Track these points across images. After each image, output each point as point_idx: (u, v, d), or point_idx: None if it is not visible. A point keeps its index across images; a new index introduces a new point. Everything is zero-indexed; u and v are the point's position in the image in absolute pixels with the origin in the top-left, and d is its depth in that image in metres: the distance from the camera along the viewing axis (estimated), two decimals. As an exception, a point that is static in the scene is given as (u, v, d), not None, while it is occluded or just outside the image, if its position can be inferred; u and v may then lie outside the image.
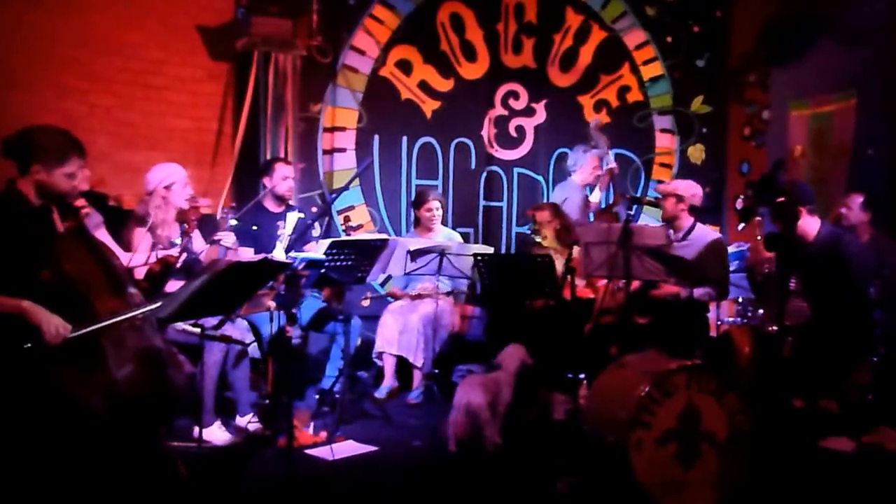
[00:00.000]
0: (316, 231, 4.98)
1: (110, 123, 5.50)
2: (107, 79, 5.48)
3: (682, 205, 4.85)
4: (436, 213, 5.55)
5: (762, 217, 4.83)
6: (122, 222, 4.32)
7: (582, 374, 4.54)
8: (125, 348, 2.95)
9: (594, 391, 3.76)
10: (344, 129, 6.18)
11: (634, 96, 7.18)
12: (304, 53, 5.73)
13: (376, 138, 6.29)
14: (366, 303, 5.33)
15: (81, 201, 3.28)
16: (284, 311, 4.02)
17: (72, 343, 2.85)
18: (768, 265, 4.79)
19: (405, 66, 6.36)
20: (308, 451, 4.06)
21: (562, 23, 6.89)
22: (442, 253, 4.99)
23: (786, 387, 4.11)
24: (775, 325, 4.08)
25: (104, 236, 3.91)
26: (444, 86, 6.50)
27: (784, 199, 4.13)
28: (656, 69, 7.22)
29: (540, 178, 6.89)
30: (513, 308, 5.36)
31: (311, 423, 4.45)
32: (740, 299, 5.72)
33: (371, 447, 4.20)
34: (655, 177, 7.24)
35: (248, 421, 4.31)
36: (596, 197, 6.14)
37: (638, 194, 6.96)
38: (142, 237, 4.14)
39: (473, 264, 4.86)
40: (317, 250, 4.28)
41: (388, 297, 5.70)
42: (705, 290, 4.63)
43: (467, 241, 6.31)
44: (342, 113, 6.16)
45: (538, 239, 5.30)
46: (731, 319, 5.80)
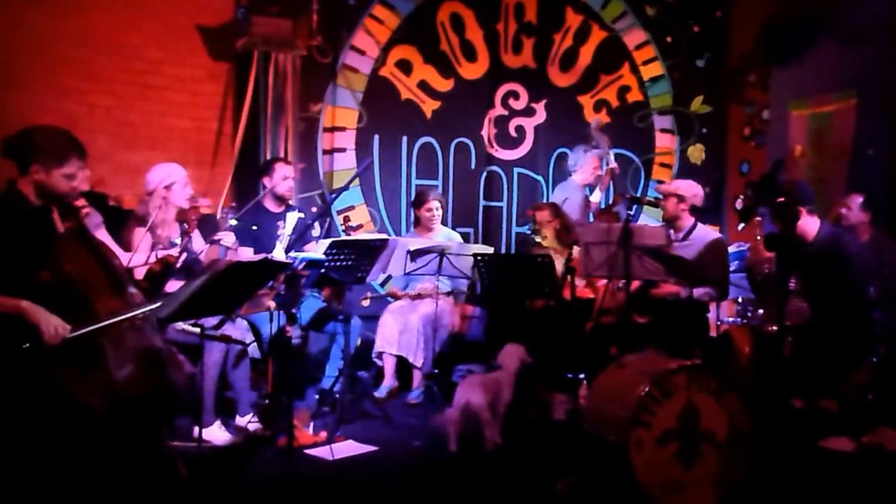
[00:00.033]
0: (316, 231, 4.99)
1: (110, 123, 5.50)
2: (107, 79, 5.48)
3: (683, 205, 4.84)
4: (436, 213, 5.55)
5: (762, 217, 4.83)
6: (122, 222, 4.33)
7: (582, 374, 4.55)
8: (125, 348, 2.95)
9: (594, 391, 3.76)
10: (344, 129, 6.18)
11: (634, 96, 7.18)
12: (304, 53, 5.73)
13: (376, 138, 6.29)
14: (366, 303, 5.34)
15: (81, 201, 3.27)
16: (284, 311, 4.02)
17: (71, 343, 2.85)
18: (768, 265, 4.79)
19: (405, 66, 6.36)
20: (308, 451, 4.06)
21: (562, 23, 6.89)
22: (442, 253, 4.99)
23: (786, 387, 4.10)
24: (775, 325, 4.08)
25: (104, 236, 3.92)
26: (444, 86, 6.50)
27: (784, 199, 4.13)
28: (656, 69, 7.23)
29: (540, 178, 6.89)
30: (513, 308, 5.36)
31: (311, 423, 4.45)
32: (740, 299, 5.72)
33: (371, 447, 4.20)
34: (655, 177, 7.24)
35: (248, 421, 4.32)
36: (596, 197, 6.14)
37: (638, 194, 6.96)
38: (142, 237, 4.14)
39: (473, 264, 4.87)
40: (317, 250, 4.28)
41: (388, 297, 5.70)
42: (705, 290, 4.63)
43: (467, 241, 6.31)
44: (342, 113, 6.17)
45: (538, 239, 5.31)
46: (731, 319, 5.80)
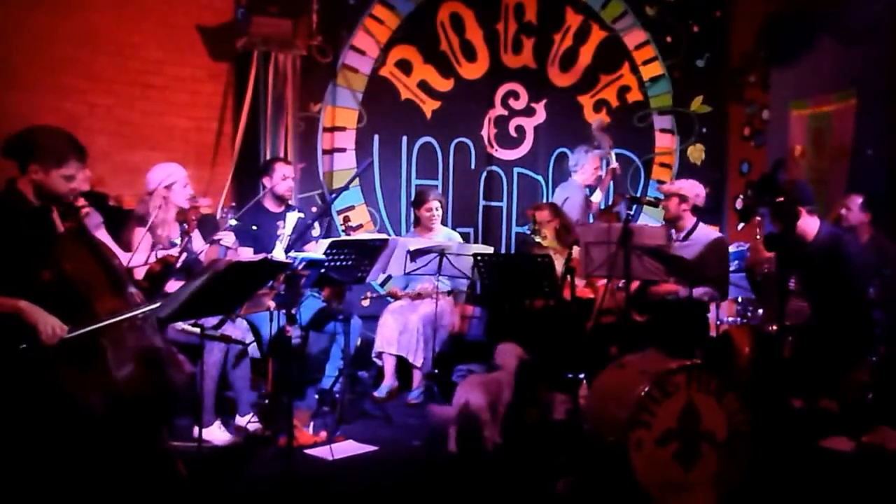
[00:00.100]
0: (316, 231, 4.98)
1: (110, 123, 5.50)
2: (107, 79, 5.48)
3: (685, 205, 4.83)
4: (436, 213, 5.55)
5: (762, 217, 4.83)
6: (122, 222, 4.32)
7: (582, 374, 4.55)
8: (125, 348, 2.95)
9: (594, 391, 3.76)
10: (344, 128, 6.18)
11: (634, 96, 7.18)
12: (304, 53, 5.72)
13: (376, 138, 6.29)
14: (366, 303, 5.34)
15: (81, 201, 3.27)
16: (284, 311, 4.03)
17: (70, 343, 2.84)
18: (768, 265, 4.79)
19: (405, 66, 6.36)
20: (308, 451, 4.06)
21: (562, 23, 6.89)
22: (442, 253, 4.99)
23: (785, 387, 4.10)
24: (775, 325, 4.08)
25: (104, 236, 3.91)
26: (444, 86, 6.50)
27: (784, 199, 4.13)
28: (656, 69, 7.22)
29: (540, 178, 6.89)
30: (513, 308, 5.36)
31: (311, 423, 4.45)
32: (740, 299, 5.72)
33: (371, 447, 4.20)
34: (655, 177, 7.24)
35: (248, 421, 4.31)
36: (597, 197, 6.14)
37: (638, 194, 6.95)
38: (142, 237, 4.14)
39: (473, 264, 4.87)
40: (317, 250, 4.28)
41: (388, 296, 5.70)
42: (705, 289, 4.63)
43: (467, 241, 6.30)
44: (342, 113, 6.16)
45: (538, 239, 5.31)
46: (731, 319, 5.80)
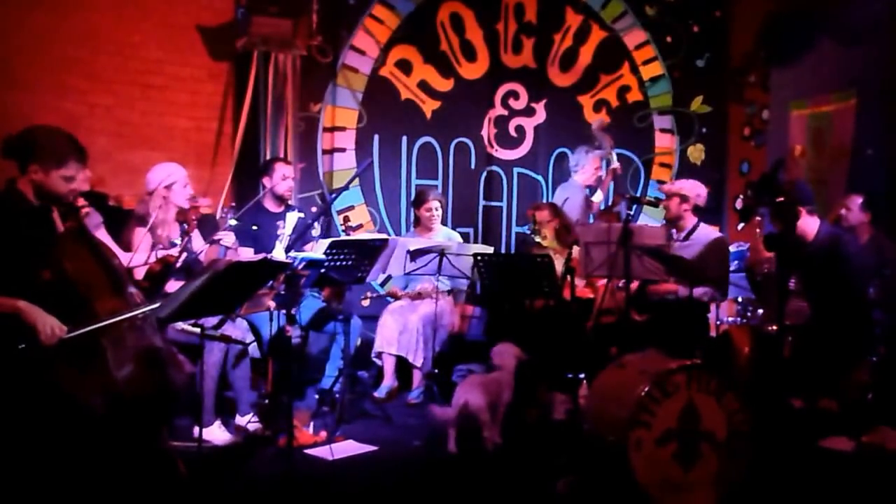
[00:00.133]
0: (316, 231, 4.98)
1: (110, 123, 5.51)
2: (107, 78, 5.48)
3: (686, 205, 4.82)
4: (435, 213, 5.55)
5: (762, 217, 4.83)
6: (122, 222, 4.32)
7: (582, 374, 4.55)
8: (125, 348, 2.96)
9: (594, 391, 3.76)
10: (344, 128, 6.18)
11: (634, 96, 7.18)
12: (304, 53, 5.72)
13: (376, 138, 6.29)
14: (366, 303, 5.34)
15: (81, 201, 3.27)
16: (284, 311, 4.02)
17: (69, 343, 2.84)
18: (768, 265, 4.79)
19: (405, 66, 6.36)
20: (308, 451, 4.06)
21: (562, 23, 6.89)
22: (442, 253, 4.99)
23: (785, 386, 4.10)
24: (775, 325, 4.08)
25: (104, 236, 3.91)
26: (444, 86, 6.50)
27: (784, 199, 4.13)
28: (656, 69, 7.22)
29: (540, 178, 6.89)
30: (513, 308, 5.36)
31: (311, 423, 4.45)
32: (740, 299, 5.72)
33: (371, 447, 4.20)
34: (655, 177, 7.23)
35: (248, 421, 4.31)
36: (598, 197, 6.14)
37: (638, 194, 6.95)
38: (142, 237, 4.14)
39: (473, 264, 4.87)
40: (317, 250, 4.28)
41: (388, 296, 5.70)
42: (705, 289, 4.63)
43: (467, 241, 6.30)
44: (342, 113, 6.16)
45: (538, 239, 5.31)
46: (731, 319, 5.80)
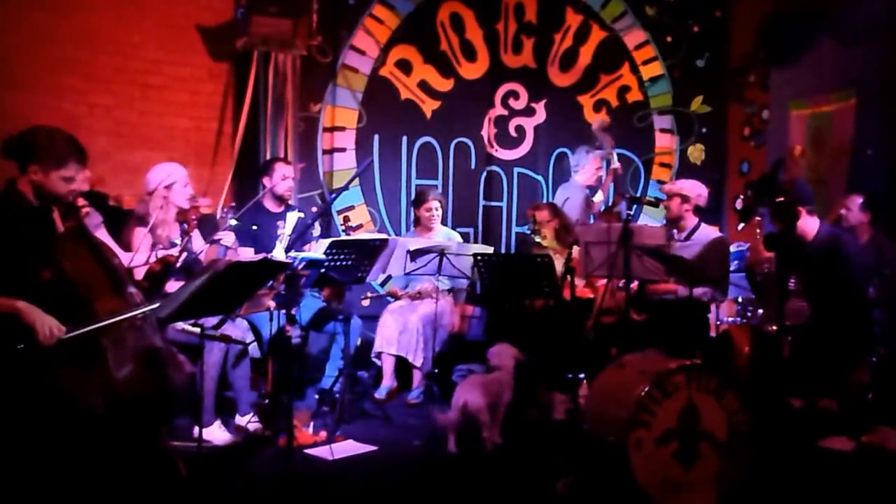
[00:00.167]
0: (316, 231, 4.98)
1: (110, 123, 5.51)
2: (106, 79, 5.49)
3: (686, 205, 4.81)
4: (435, 213, 5.55)
5: (762, 217, 4.82)
6: (122, 222, 4.32)
7: (582, 374, 4.55)
8: (125, 348, 2.96)
9: (594, 391, 3.76)
10: (344, 128, 6.18)
11: (634, 96, 7.18)
12: (304, 53, 5.72)
13: (376, 138, 6.29)
14: (366, 303, 5.34)
15: (81, 201, 3.28)
16: (284, 311, 4.02)
17: (67, 344, 2.85)
18: (768, 265, 4.79)
19: (405, 66, 6.36)
20: (308, 451, 4.06)
21: (562, 23, 6.89)
22: (442, 253, 4.99)
23: (785, 386, 4.10)
24: (775, 325, 4.08)
25: (104, 236, 3.91)
26: (444, 86, 6.50)
27: (783, 198, 4.13)
28: (656, 69, 7.22)
29: (540, 178, 6.89)
30: (513, 308, 5.36)
31: (311, 423, 4.44)
32: (740, 299, 5.72)
33: (371, 447, 4.20)
34: (655, 177, 7.24)
35: (248, 421, 4.31)
36: (599, 198, 6.14)
37: (638, 194, 6.95)
38: (142, 237, 4.14)
39: (473, 264, 4.87)
40: (317, 250, 4.28)
41: (388, 296, 5.70)
42: (704, 289, 4.62)
43: (467, 241, 6.31)
44: (342, 113, 6.17)
45: (538, 239, 5.31)
46: (731, 319, 5.80)
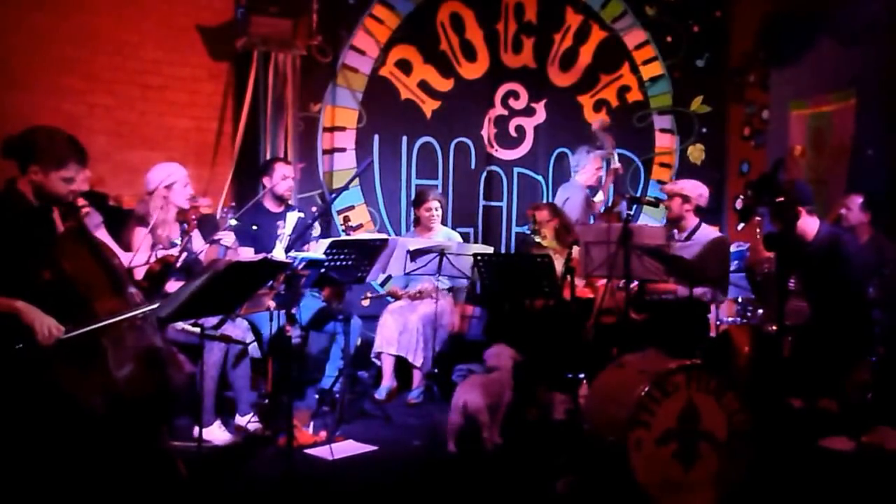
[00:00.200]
0: (316, 231, 4.99)
1: (110, 123, 5.51)
2: (106, 79, 5.48)
3: (687, 205, 4.81)
4: (435, 213, 5.55)
5: (762, 217, 4.82)
6: (122, 222, 4.33)
7: (582, 374, 4.55)
8: (125, 348, 2.96)
9: (594, 391, 3.76)
10: (344, 128, 6.18)
11: (634, 96, 7.18)
12: (304, 53, 5.72)
13: (376, 138, 6.29)
14: (366, 303, 5.34)
15: (81, 201, 3.28)
16: (284, 311, 4.02)
17: (66, 344, 2.85)
18: (768, 265, 4.78)
19: (405, 66, 6.36)
20: (308, 451, 4.06)
21: (562, 23, 6.89)
22: (442, 253, 4.99)
23: (785, 386, 4.10)
24: (775, 325, 4.08)
25: (104, 236, 3.91)
26: (444, 86, 6.50)
27: (783, 198, 4.13)
28: (656, 69, 7.22)
29: (540, 177, 6.89)
30: (513, 308, 5.36)
31: (311, 423, 4.45)
32: (740, 299, 5.72)
33: (371, 447, 4.20)
34: (655, 177, 7.24)
35: (248, 421, 4.32)
36: (600, 198, 6.14)
37: (638, 194, 6.95)
38: (142, 237, 4.14)
39: (473, 264, 4.87)
40: (317, 250, 4.28)
41: (388, 296, 5.70)
42: (704, 289, 4.62)
43: (467, 241, 6.31)
44: (342, 113, 6.17)
45: (538, 239, 5.30)
46: (731, 319, 5.79)
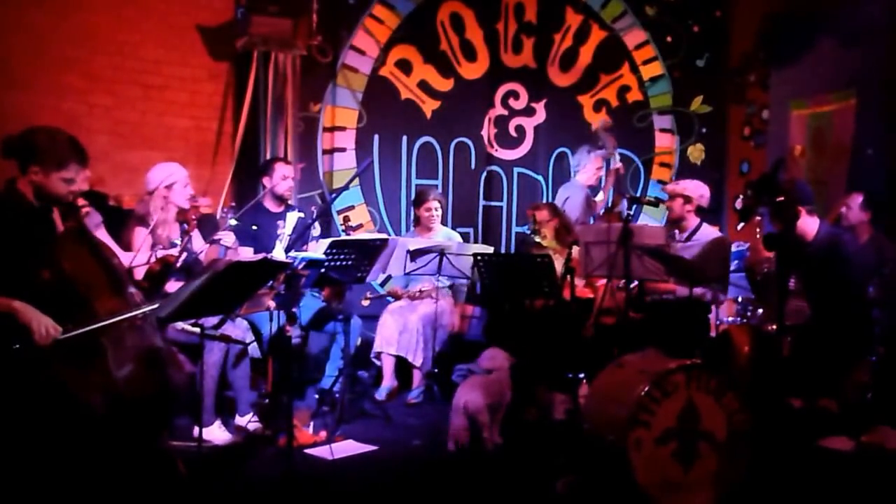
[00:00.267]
0: (316, 231, 4.99)
1: (110, 123, 5.51)
2: (106, 78, 5.49)
3: (689, 206, 4.82)
4: (435, 213, 5.55)
5: (762, 217, 4.82)
6: (122, 222, 4.33)
7: (582, 374, 4.54)
8: (125, 348, 2.96)
9: (594, 391, 3.76)
10: (344, 128, 6.18)
11: (634, 96, 7.18)
12: (304, 53, 5.73)
13: (376, 138, 6.29)
14: (366, 303, 5.34)
15: (81, 201, 3.28)
16: (284, 311, 4.02)
17: (69, 343, 2.85)
18: (768, 265, 4.78)
19: (405, 66, 6.36)
20: (308, 451, 4.06)
21: (562, 22, 6.89)
22: (442, 253, 4.99)
23: (785, 386, 4.11)
24: (775, 325, 4.08)
25: (104, 236, 3.91)
26: (444, 85, 6.50)
27: (783, 198, 4.13)
28: (656, 69, 7.22)
29: (540, 177, 6.89)
30: (513, 308, 5.36)
31: (311, 423, 4.45)
32: (740, 299, 5.72)
33: (371, 447, 4.20)
34: (655, 177, 7.24)
35: (248, 421, 4.31)
36: (601, 197, 6.14)
37: (638, 194, 6.96)
38: (142, 237, 4.14)
39: (473, 264, 4.87)
40: (317, 250, 4.28)
41: (388, 296, 5.70)
42: (704, 290, 4.62)
43: (467, 241, 6.31)
44: (342, 113, 6.17)
45: (538, 239, 5.30)
46: (731, 319, 5.79)
